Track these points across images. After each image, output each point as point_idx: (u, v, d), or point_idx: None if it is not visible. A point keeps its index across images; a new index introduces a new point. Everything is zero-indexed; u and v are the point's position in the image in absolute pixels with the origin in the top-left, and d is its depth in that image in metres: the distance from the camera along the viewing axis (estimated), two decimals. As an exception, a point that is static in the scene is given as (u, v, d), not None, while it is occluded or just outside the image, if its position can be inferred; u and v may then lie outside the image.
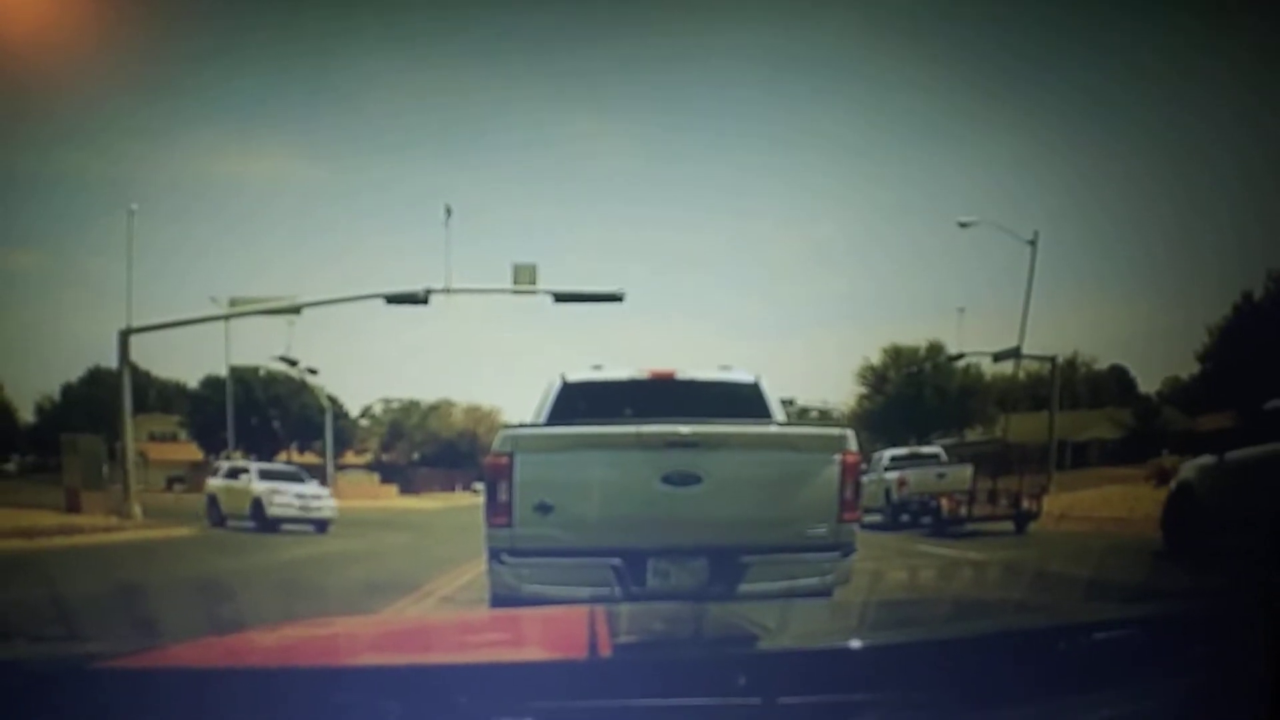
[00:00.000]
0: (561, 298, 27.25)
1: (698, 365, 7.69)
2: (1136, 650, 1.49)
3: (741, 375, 7.57)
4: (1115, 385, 62.14)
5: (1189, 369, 43.61)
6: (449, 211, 27.62)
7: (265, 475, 26.27)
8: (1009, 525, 19.82)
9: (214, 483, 27.25)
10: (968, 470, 22.31)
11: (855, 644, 1.53)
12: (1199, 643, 1.51)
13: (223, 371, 50.02)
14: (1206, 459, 12.46)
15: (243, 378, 55.95)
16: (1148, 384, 58.49)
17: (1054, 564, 11.77)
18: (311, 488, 24.82)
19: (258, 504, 23.72)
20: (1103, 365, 63.68)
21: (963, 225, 31.87)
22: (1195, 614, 1.65)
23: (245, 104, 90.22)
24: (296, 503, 23.62)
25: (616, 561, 5.44)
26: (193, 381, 67.21)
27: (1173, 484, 13.20)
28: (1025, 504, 19.99)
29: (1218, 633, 1.51)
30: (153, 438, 64.48)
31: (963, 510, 20.36)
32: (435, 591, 9.60)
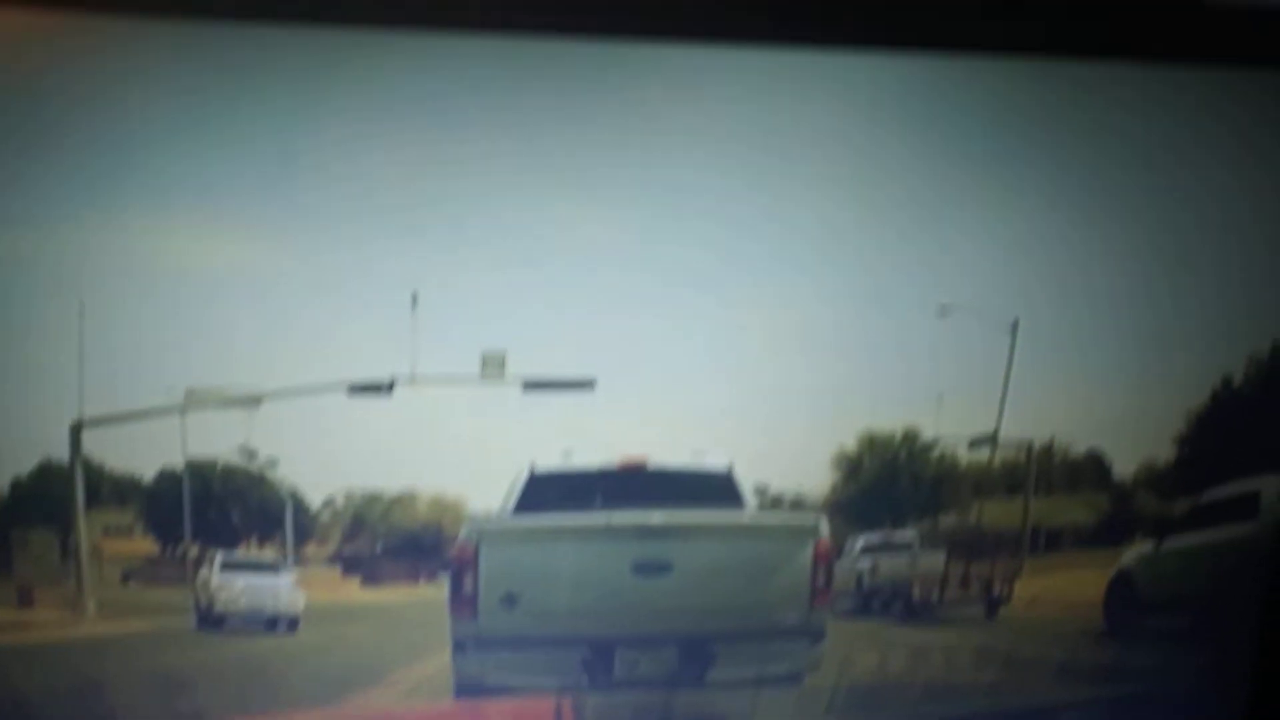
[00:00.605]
0: (531, 386, 26.93)
1: (670, 451, 7.65)
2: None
3: (714, 462, 7.52)
4: (1091, 470, 61.81)
5: (1165, 454, 43.51)
6: (415, 299, 27.56)
7: (229, 567, 24.99)
8: (981, 610, 19.63)
9: (204, 576, 26.10)
10: (940, 556, 22.10)
11: (823, 728, 1.55)
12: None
13: (179, 464, 49.39)
14: (1145, 547, 13.01)
15: (200, 470, 54.98)
16: (1123, 469, 58.35)
17: (1024, 648, 11.67)
18: (275, 579, 24.05)
19: (208, 599, 22.81)
20: (1079, 451, 63.53)
21: (942, 311, 31.95)
22: (1161, 693, 1.68)
23: (203, 184, 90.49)
24: (243, 599, 22.37)
25: (584, 651, 5.40)
26: (148, 474, 66.19)
27: (1113, 570, 13.62)
28: (997, 588, 19.79)
29: (1182, 711, 1.54)
30: (107, 532, 63.24)
31: (934, 595, 20.18)
32: (400, 682, 9.44)
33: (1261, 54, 1.67)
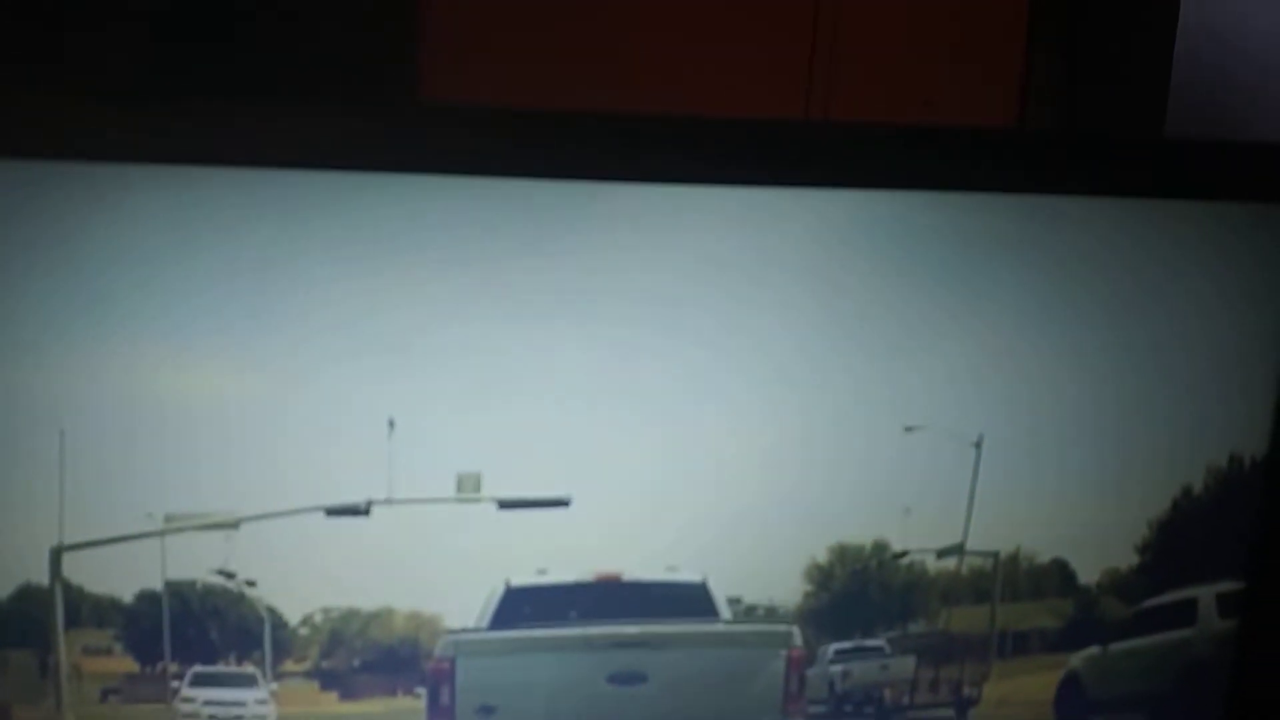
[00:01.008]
0: (506, 504, 26.61)
1: (644, 565, 7.58)
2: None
3: (688, 576, 7.45)
4: (1056, 577, 61.74)
5: (1128, 561, 43.44)
6: (392, 424, 27.35)
7: (201, 680, 24.08)
8: (950, 712, 19.43)
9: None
10: (910, 661, 21.90)
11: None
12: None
13: (158, 585, 48.70)
14: (1093, 650, 13.55)
15: (179, 590, 54.21)
16: (1087, 575, 58.23)
17: None
18: (244, 692, 23.21)
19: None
20: (1044, 559, 63.40)
21: (908, 430, 31.98)
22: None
23: (183, 317, 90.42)
24: (206, 711, 21.43)
25: None
26: (127, 596, 65.21)
27: (1063, 671, 14.16)
28: (966, 691, 19.63)
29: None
30: (86, 651, 62.08)
31: (906, 699, 19.96)
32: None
33: (1221, 188, 1.76)
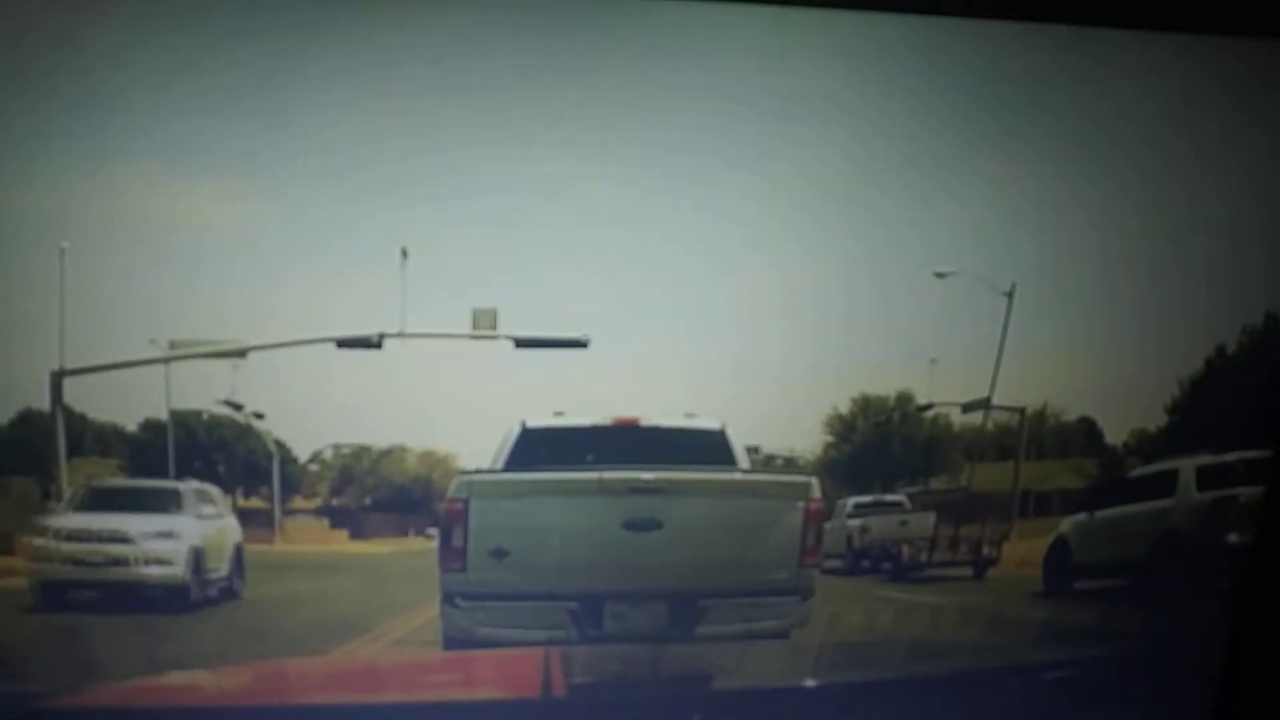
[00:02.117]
0: (523, 343, 26.50)
1: (663, 412, 7.66)
2: (1087, 689, 1.54)
3: (707, 422, 7.54)
4: (1083, 436, 62.17)
5: (1158, 421, 43.74)
6: (405, 253, 27.20)
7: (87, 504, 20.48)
8: (969, 571, 19.75)
9: None
10: (930, 518, 22.21)
11: (809, 683, 1.57)
12: (1148, 682, 1.55)
13: (164, 415, 49.27)
14: (1080, 516, 14.46)
15: (185, 421, 54.81)
16: (1115, 436, 58.70)
17: (1010, 608, 11.89)
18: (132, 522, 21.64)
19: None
20: (1071, 417, 63.74)
21: (939, 276, 31.72)
22: (1145, 654, 1.70)
23: (189, 137, 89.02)
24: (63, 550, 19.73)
25: (573, 605, 5.43)
26: (132, 425, 65.98)
27: (1052, 535, 14.96)
28: (986, 551, 19.92)
29: (1163, 673, 1.56)
30: (89, 481, 63.13)
31: (923, 556, 20.26)
32: (387, 634, 9.45)
33: (1260, 24, 1.68)
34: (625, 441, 7.23)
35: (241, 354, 26.16)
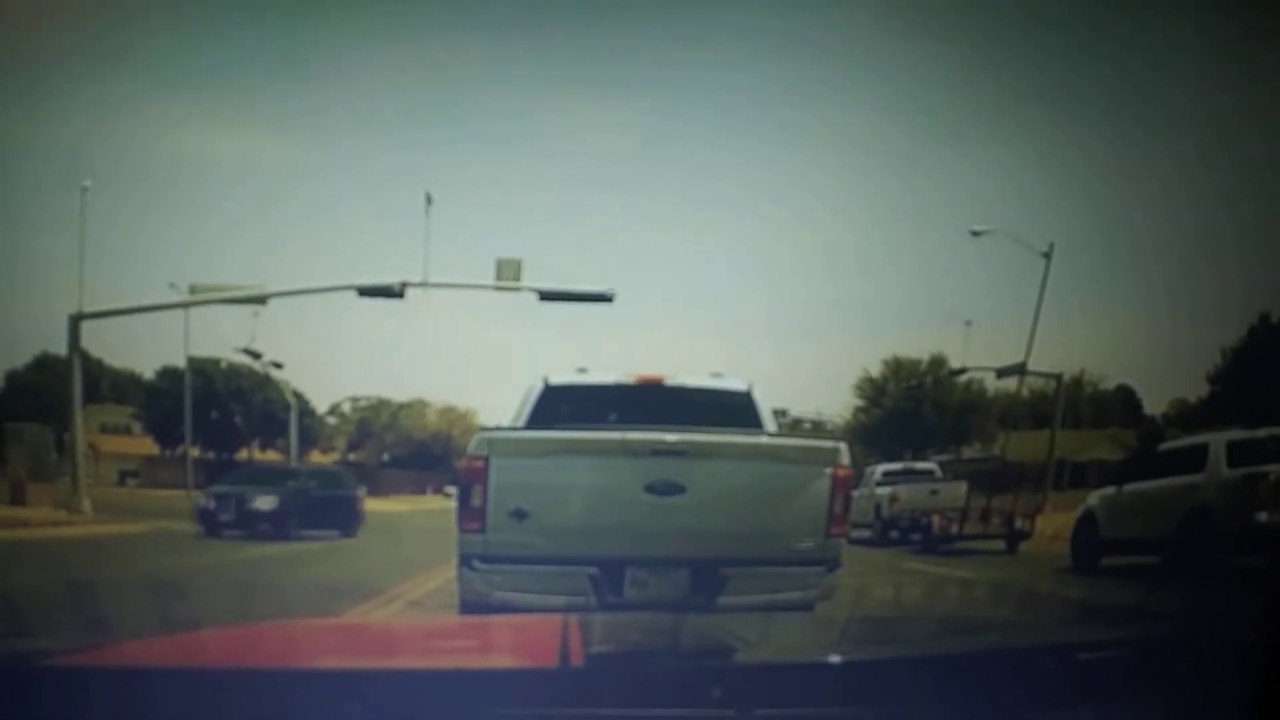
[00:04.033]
0: (547, 296, 26.68)
1: (688, 371, 7.68)
2: (1122, 671, 1.53)
3: (733, 383, 7.56)
4: (1121, 406, 62.35)
5: (1198, 391, 43.90)
6: (429, 200, 27.28)
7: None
8: (1001, 544, 19.97)
9: None
10: (962, 488, 22.43)
11: (835, 659, 1.56)
12: (1185, 664, 1.54)
13: (181, 362, 49.80)
14: (1109, 490, 15.42)
15: (202, 369, 55.59)
16: (1155, 406, 58.97)
17: (1043, 584, 12.02)
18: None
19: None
20: (1110, 385, 63.99)
21: (975, 234, 31.69)
22: (1180, 636, 1.69)
23: (211, 74, 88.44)
24: None
25: (593, 570, 5.46)
26: (148, 372, 66.82)
27: (1079, 510, 15.99)
28: (1018, 523, 20.14)
29: (1202, 654, 1.55)
30: (105, 430, 63.97)
31: (954, 528, 20.48)
32: (401, 596, 9.58)
33: None
34: (649, 401, 7.25)
35: (262, 300, 26.39)
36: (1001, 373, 36.56)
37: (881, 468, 27.86)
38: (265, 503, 22.30)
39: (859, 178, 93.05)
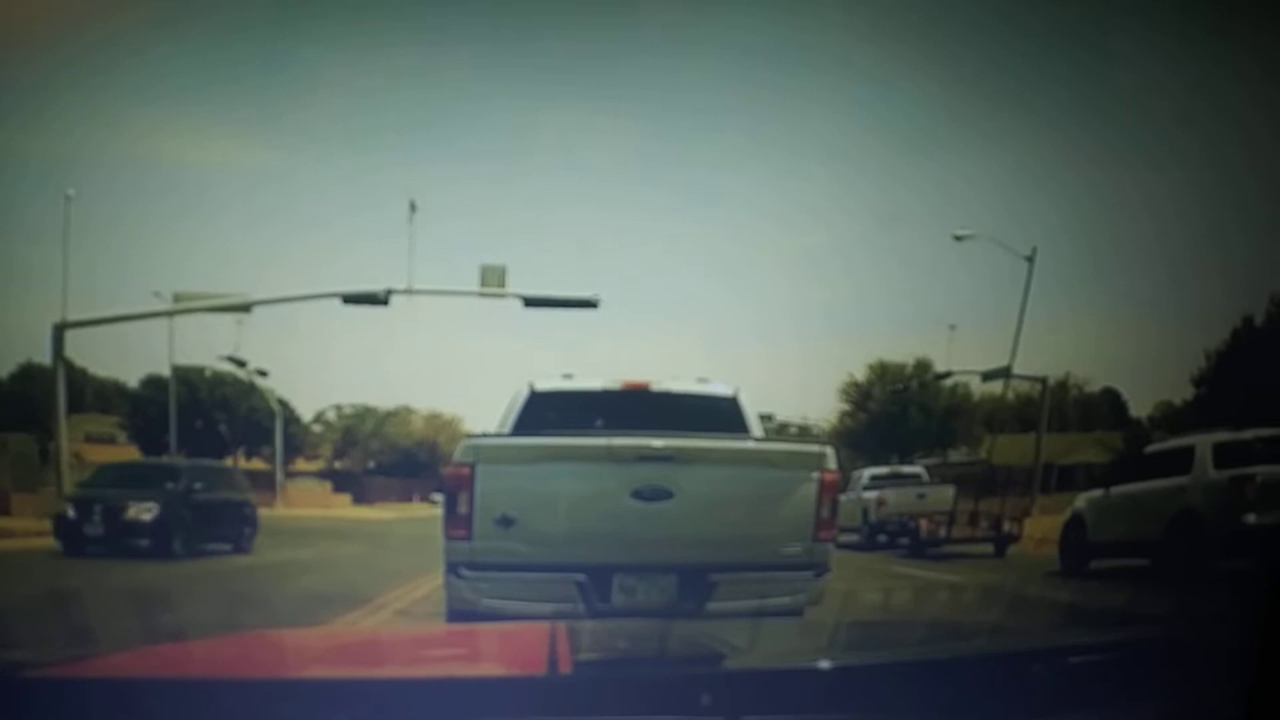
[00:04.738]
0: (532, 302, 26.49)
1: (674, 377, 7.69)
2: (1111, 675, 1.53)
3: (719, 388, 7.57)
4: (1107, 409, 62.64)
5: (1183, 394, 44.12)
6: (413, 207, 27.31)
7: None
8: (989, 548, 20.05)
9: None
10: (949, 491, 22.52)
11: (824, 664, 1.56)
12: (1174, 668, 1.54)
13: (165, 371, 49.72)
14: (1096, 493, 15.45)
15: (187, 378, 55.49)
16: (1140, 408, 59.21)
17: (1032, 587, 12.06)
18: None
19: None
20: (1095, 388, 64.31)
21: (958, 238, 31.87)
22: (1170, 640, 1.69)
23: (196, 83, 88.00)
24: None
25: (581, 577, 5.45)
26: (133, 381, 66.70)
27: (1067, 513, 16.09)
28: (1006, 527, 20.24)
29: (1192, 659, 1.55)
30: (89, 439, 63.77)
31: (942, 532, 20.56)
32: (389, 604, 9.59)
33: None
34: (635, 406, 7.26)
35: (246, 308, 26.29)
36: (987, 376, 36.70)
37: (868, 472, 27.94)
38: (143, 511, 18.02)
39: (843, 184, 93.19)
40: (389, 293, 26.99)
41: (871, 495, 24.96)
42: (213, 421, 63.28)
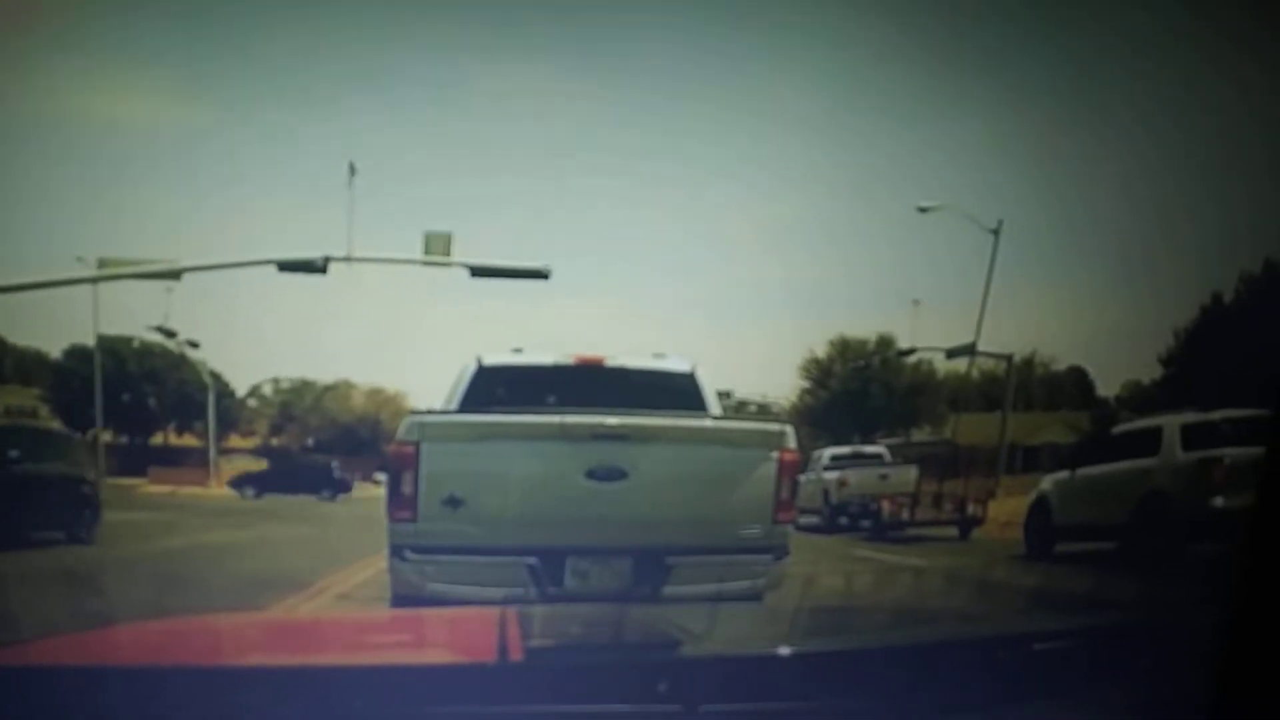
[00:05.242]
0: (479, 272, 26.09)
1: (629, 352, 7.68)
2: (1076, 661, 1.55)
3: (676, 364, 7.56)
4: (1073, 387, 63.19)
5: (1151, 373, 44.57)
6: (353, 170, 27.04)
7: None
8: (953, 530, 20.23)
9: None
10: (912, 472, 22.68)
11: (784, 651, 1.57)
12: (1139, 654, 1.57)
13: (90, 341, 49.25)
14: (1062, 475, 15.75)
15: (113, 349, 54.91)
16: (1107, 387, 59.76)
17: (996, 572, 12.20)
18: None
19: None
20: (1061, 366, 64.84)
21: (922, 210, 32.02)
22: (1136, 625, 1.72)
23: (119, 34, 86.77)
24: None
25: (532, 560, 5.45)
26: (56, 351, 66.00)
27: (1032, 495, 16.36)
28: (970, 509, 20.42)
29: (1158, 644, 1.58)
30: (9, 412, 63.04)
31: (905, 514, 20.72)
32: (330, 588, 9.54)
33: None
34: (589, 383, 7.24)
35: (176, 275, 25.99)
36: (951, 353, 36.96)
37: (829, 451, 28.07)
38: None
39: (805, 154, 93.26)
40: (327, 260, 26.65)
41: (833, 476, 25.09)
42: (141, 395, 62.68)
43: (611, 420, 5.61)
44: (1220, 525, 11.25)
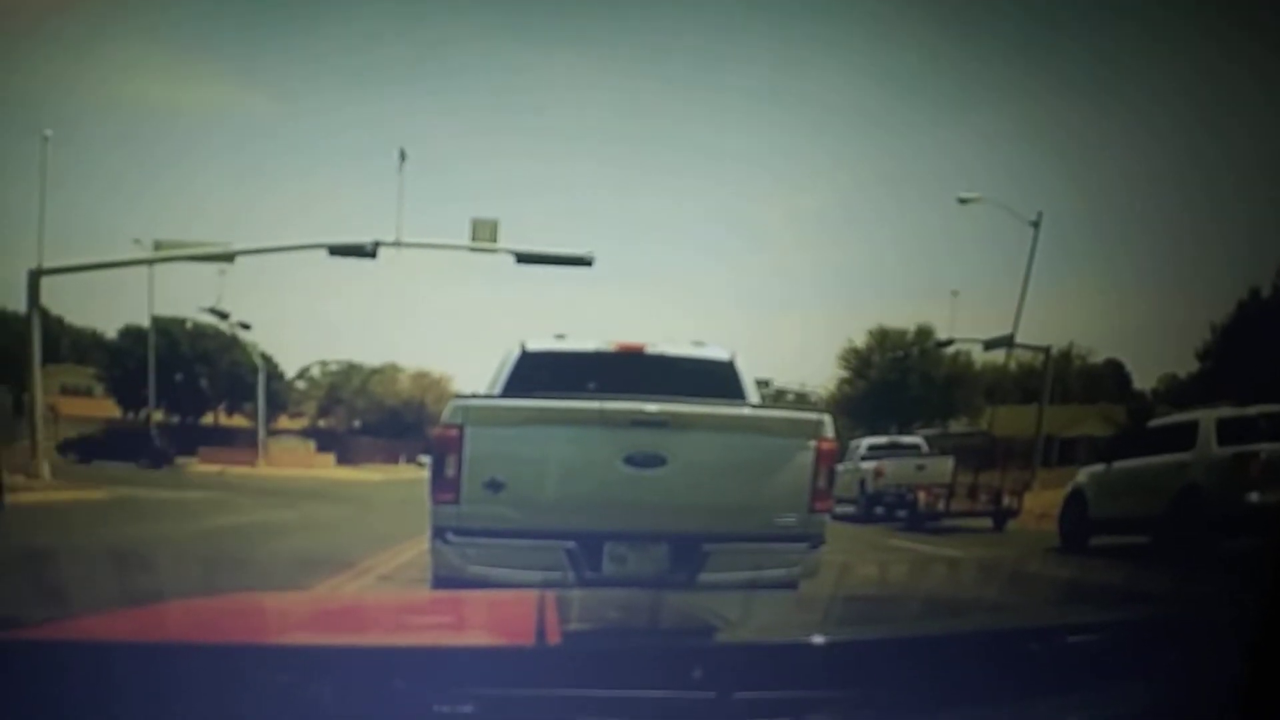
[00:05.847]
0: (525, 258, 26.31)
1: (669, 339, 7.67)
2: (1110, 654, 1.53)
3: (716, 352, 7.55)
4: (1110, 381, 62.73)
5: (1188, 367, 44.10)
6: (403, 156, 27.10)
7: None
8: (988, 522, 20.11)
9: None
10: (949, 463, 22.56)
11: (818, 639, 1.56)
12: (1173, 648, 1.55)
13: (145, 321, 49.61)
14: (1097, 468, 15.70)
15: (167, 330, 55.37)
16: (1144, 381, 59.31)
17: (1031, 564, 12.13)
18: None
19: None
20: (1099, 359, 64.39)
21: (962, 201, 31.82)
22: (1170, 619, 1.70)
23: (180, 21, 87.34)
24: None
25: (570, 545, 5.45)
26: (111, 331, 66.54)
27: (1068, 488, 16.27)
28: (1006, 500, 20.28)
29: (1192, 639, 1.56)
30: (65, 391, 63.53)
31: (940, 505, 20.61)
32: (373, 569, 9.59)
33: None
34: (629, 369, 7.24)
35: (229, 258, 26.16)
36: (989, 344, 36.73)
37: (866, 441, 27.95)
38: None
39: (846, 144, 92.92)
40: (376, 245, 26.77)
41: (869, 465, 24.99)
42: (193, 375, 63.17)
43: (651, 407, 5.60)
44: (1255, 520, 11.14)
